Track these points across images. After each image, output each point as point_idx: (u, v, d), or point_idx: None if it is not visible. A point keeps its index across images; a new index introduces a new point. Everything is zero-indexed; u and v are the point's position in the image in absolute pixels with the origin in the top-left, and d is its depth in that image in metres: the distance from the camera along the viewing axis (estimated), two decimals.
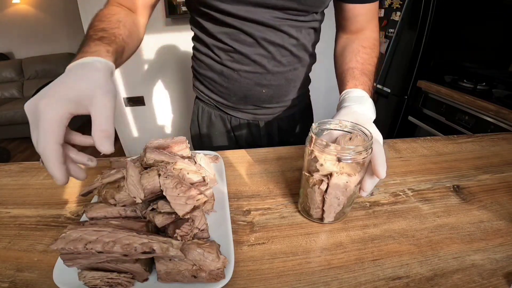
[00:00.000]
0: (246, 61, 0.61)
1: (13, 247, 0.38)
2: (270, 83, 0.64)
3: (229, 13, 0.54)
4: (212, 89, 0.70)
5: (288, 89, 0.67)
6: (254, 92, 0.65)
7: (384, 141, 0.64)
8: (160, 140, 0.47)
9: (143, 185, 0.36)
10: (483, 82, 1.29)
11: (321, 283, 0.32)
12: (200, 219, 0.35)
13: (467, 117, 1.22)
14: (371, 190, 0.38)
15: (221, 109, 0.72)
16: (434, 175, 0.52)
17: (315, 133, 0.37)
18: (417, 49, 1.39)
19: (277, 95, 0.67)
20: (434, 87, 1.35)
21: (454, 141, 0.65)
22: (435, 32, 1.33)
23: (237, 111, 0.71)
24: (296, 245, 0.38)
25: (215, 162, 0.54)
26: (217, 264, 0.31)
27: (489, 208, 0.43)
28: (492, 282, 0.32)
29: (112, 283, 0.30)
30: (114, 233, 0.30)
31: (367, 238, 0.38)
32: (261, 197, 0.47)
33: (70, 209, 0.45)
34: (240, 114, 0.72)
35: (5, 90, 3.06)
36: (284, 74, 0.63)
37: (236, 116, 0.72)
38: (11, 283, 0.33)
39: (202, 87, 0.72)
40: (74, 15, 2.07)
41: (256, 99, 0.67)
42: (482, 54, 1.44)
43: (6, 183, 0.53)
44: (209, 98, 0.72)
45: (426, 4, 1.30)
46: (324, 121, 0.39)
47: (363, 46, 0.56)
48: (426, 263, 0.34)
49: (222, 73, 0.64)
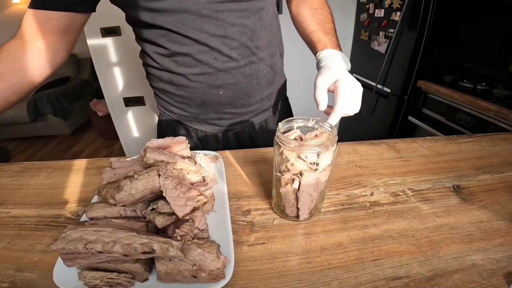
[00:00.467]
0: (191, 63, 0.55)
1: (13, 247, 0.38)
2: (225, 82, 0.57)
3: (158, 10, 0.48)
4: (170, 101, 0.64)
5: (250, 87, 0.60)
6: (210, 95, 0.59)
7: (384, 141, 0.64)
8: (160, 140, 0.47)
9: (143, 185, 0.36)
10: (483, 82, 1.29)
11: (321, 283, 0.32)
12: (200, 219, 0.35)
13: (467, 117, 1.22)
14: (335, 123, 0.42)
15: (183, 123, 0.66)
16: (434, 175, 0.52)
17: (282, 132, 0.38)
18: (417, 49, 1.39)
19: (239, 95, 0.60)
20: (434, 87, 1.35)
21: (454, 141, 0.65)
22: (435, 32, 1.33)
23: (201, 123, 0.65)
24: (296, 245, 0.38)
25: (215, 162, 0.54)
26: (217, 264, 0.31)
27: (489, 208, 0.43)
28: (492, 282, 0.32)
29: (112, 283, 0.30)
30: (114, 233, 0.30)
31: (367, 238, 0.38)
32: (261, 197, 0.47)
33: (70, 209, 0.45)
34: (205, 127, 0.65)
35: None
36: (239, 69, 0.56)
37: (202, 130, 0.66)
38: (11, 283, 0.33)
39: (161, 101, 0.66)
40: None
41: (215, 103, 0.60)
42: (482, 54, 1.44)
43: (6, 183, 0.53)
44: (170, 112, 0.66)
45: (426, 4, 1.30)
46: (290, 119, 0.40)
47: (314, 8, 0.60)
48: (426, 263, 0.34)
49: (171, 81, 0.59)
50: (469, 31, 1.37)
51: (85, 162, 0.59)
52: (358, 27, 1.87)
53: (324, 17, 0.58)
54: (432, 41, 1.35)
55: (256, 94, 0.62)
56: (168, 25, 0.50)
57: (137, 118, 2.04)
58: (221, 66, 0.55)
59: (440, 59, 1.41)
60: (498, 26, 1.37)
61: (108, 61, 1.78)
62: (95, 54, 1.74)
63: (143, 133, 2.12)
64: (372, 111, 1.78)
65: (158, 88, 0.64)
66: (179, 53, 0.54)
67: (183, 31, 0.50)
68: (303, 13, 0.60)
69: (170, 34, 0.52)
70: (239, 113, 0.63)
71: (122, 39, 1.69)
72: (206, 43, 0.52)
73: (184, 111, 0.64)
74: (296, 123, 0.40)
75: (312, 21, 0.58)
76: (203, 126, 0.66)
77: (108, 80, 1.85)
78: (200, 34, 0.51)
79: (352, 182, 0.50)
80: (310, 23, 0.58)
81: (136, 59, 1.80)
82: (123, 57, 1.77)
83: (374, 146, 0.63)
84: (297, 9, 0.61)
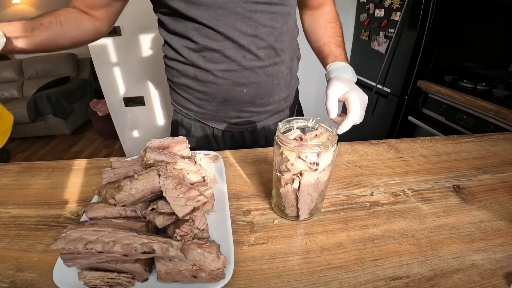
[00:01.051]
0: (219, 59, 0.56)
1: (13, 247, 0.38)
2: (250, 81, 0.59)
3: (195, 3, 0.50)
4: (189, 98, 0.65)
5: (271, 87, 0.62)
6: (233, 93, 0.60)
7: (384, 141, 0.64)
8: (160, 140, 0.47)
9: (143, 185, 0.36)
10: (483, 82, 1.29)
11: (321, 283, 0.32)
12: (200, 219, 0.35)
13: (467, 117, 1.22)
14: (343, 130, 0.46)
15: (201, 121, 0.67)
16: (434, 175, 0.52)
17: (282, 132, 0.38)
18: (417, 49, 1.39)
19: (260, 95, 0.62)
20: (434, 87, 1.35)
21: (454, 141, 0.65)
22: (435, 32, 1.33)
23: (218, 122, 0.66)
24: (296, 245, 0.38)
25: (215, 162, 0.54)
26: (217, 264, 0.31)
27: (489, 208, 0.43)
28: (492, 282, 0.32)
29: (112, 283, 0.30)
30: (114, 233, 0.30)
31: (367, 238, 0.38)
32: (261, 197, 0.47)
33: (70, 209, 0.45)
34: (223, 126, 0.67)
35: (5, 90, 3.06)
36: (263, 69, 0.59)
37: (219, 128, 0.67)
38: (11, 283, 0.33)
39: (179, 98, 0.67)
40: None
41: (237, 101, 0.62)
42: (482, 54, 1.44)
43: (6, 183, 0.53)
44: (187, 109, 0.67)
45: (426, 4, 1.29)
46: (290, 119, 0.40)
47: (328, 21, 0.63)
48: (426, 263, 0.34)
49: (196, 77, 0.60)
50: (469, 31, 1.37)
51: (85, 162, 0.59)
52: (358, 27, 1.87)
53: (336, 31, 0.62)
54: (432, 41, 1.35)
55: (275, 94, 0.64)
56: (202, 19, 0.52)
57: (137, 118, 2.04)
58: (248, 64, 0.57)
59: (440, 59, 1.41)
60: (498, 26, 1.37)
61: (108, 61, 1.78)
62: (95, 54, 1.74)
63: (143, 133, 2.12)
64: (372, 111, 1.78)
65: (179, 84, 0.64)
66: (209, 48, 0.55)
67: (216, 26, 0.52)
68: (317, 25, 0.64)
69: (202, 28, 0.53)
70: (257, 112, 0.65)
71: (122, 39, 1.69)
72: (237, 41, 0.54)
73: (203, 108, 0.65)
74: (296, 123, 0.40)
75: (325, 33, 0.62)
76: (220, 125, 0.67)
77: (108, 80, 1.85)
78: (232, 31, 0.53)
79: (352, 182, 0.50)
80: (323, 35, 0.62)
81: (136, 59, 1.81)
82: (123, 57, 1.77)
83: (374, 146, 0.63)
84: (312, 20, 0.65)
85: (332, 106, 0.48)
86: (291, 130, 0.41)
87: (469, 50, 1.43)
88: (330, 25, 0.63)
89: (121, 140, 2.14)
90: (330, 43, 0.60)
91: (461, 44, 1.40)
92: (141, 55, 1.77)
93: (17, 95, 3.08)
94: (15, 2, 3.07)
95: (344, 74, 0.54)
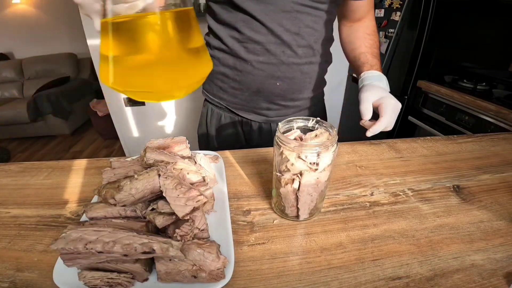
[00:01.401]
0: (260, 51, 0.60)
1: (13, 247, 0.38)
2: (285, 75, 0.63)
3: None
4: (223, 87, 0.68)
5: (303, 84, 0.66)
6: (267, 85, 0.64)
7: (384, 141, 0.64)
8: (160, 140, 0.47)
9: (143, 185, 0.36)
10: (483, 82, 1.29)
11: (321, 283, 0.32)
12: (200, 219, 0.35)
13: (467, 117, 1.22)
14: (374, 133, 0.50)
15: (232, 111, 0.71)
16: (434, 175, 0.52)
17: (282, 132, 0.38)
18: (417, 49, 1.39)
19: (291, 89, 0.66)
20: (434, 87, 1.35)
21: (454, 141, 0.65)
22: (435, 32, 1.33)
23: (248, 112, 0.70)
24: (296, 245, 0.38)
25: (215, 162, 0.54)
26: (217, 264, 0.31)
27: (489, 208, 0.43)
28: (492, 282, 0.32)
29: (112, 283, 0.30)
30: (114, 233, 0.30)
31: (367, 238, 0.38)
32: (261, 197, 0.47)
33: (70, 209, 0.45)
34: (252, 116, 0.70)
35: (5, 90, 3.06)
36: (299, 66, 0.62)
37: (248, 118, 0.71)
38: (11, 283, 0.33)
39: (213, 87, 0.70)
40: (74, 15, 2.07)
41: (269, 93, 0.65)
42: (482, 54, 1.44)
43: (6, 183, 0.53)
44: (219, 99, 0.71)
45: (426, 4, 1.30)
46: (290, 119, 0.40)
47: (367, 33, 0.67)
48: (426, 263, 0.34)
49: (235, 67, 0.63)
50: (469, 31, 1.37)
51: (85, 162, 0.59)
52: None
53: (374, 43, 0.67)
54: (432, 41, 1.35)
55: (305, 91, 0.68)
56: (253, 11, 0.55)
57: (137, 118, 2.04)
58: (286, 59, 0.61)
59: (440, 59, 1.41)
60: (498, 26, 1.37)
61: None
62: (95, 54, 1.74)
63: (143, 133, 2.12)
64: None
65: (216, 73, 0.67)
66: (252, 40, 0.59)
67: (264, 20, 0.56)
68: (356, 36, 0.68)
69: (251, 20, 0.57)
70: (286, 106, 0.69)
71: None
72: (280, 36, 0.58)
73: (235, 97, 0.68)
74: (296, 123, 0.41)
75: (363, 43, 0.66)
76: (249, 115, 0.70)
77: None
78: (277, 27, 0.57)
79: (352, 182, 0.50)
80: (361, 45, 0.66)
81: None
82: None
83: (374, 146, 0.63)
84: (350, 31, 0.69)
85: (366, 109, 0.52)
86: (291, 130, 0.41)
87: (469, 50, 1.43)
88: (369, 37, 0.67)
89: (121, 140, 2.14)
90: (367, 53, 0.64)
91: (461, 44, 1.40)
92: None
93: (17, 95, 3.08)
94: (15, 2, 3.07)
95: (379, 82, 0.58)
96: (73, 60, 3.12)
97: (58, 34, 3.26)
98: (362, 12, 0.67)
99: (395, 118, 0.52)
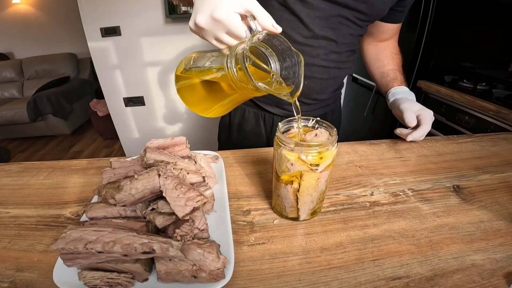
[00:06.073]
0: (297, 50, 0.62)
1: (13, 247, 0.38)
2: (313, 75, 0.65)
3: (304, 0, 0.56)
4: None
5: (326, 85, 0.70)
6: None
7: (384, 141, 0.64)
8: (160, 140, 0.47)
9: (143, 185, 0.36)
10: (483, 82, 1.29)
11: (321, 283, 0.32)
12: (200, 219, 0.35)
13: (467, 117, 1.22)
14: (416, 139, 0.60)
15: (257, 104, 0.74)
16: (434, 175, 0.52)
17: (282, 132, 0.38)
18: (417, 49, 1.39)
19: (316, 90, 0.69)
20: (434, 87, 1.35)
21: (454, 141, 0.65)
22: (435, 32, 1.33)
23: (272, 106, 0.73)
24: (296, 245, 0.38)
25: (215, 162, 0.54)
26: (217, 264, 0.31)
27: (489, 208, 0.43)
28: (492, 282, 0.32)
29: (112, 283, 0.30)
30: (114, 233, 0.30)
31: (367, 238, 0.38)
32: (261, 197, 0.47)
33: (70, 209, 0.45)
34: (275, 110, 0.73)
35: (5, 90, 3.07)
36: (327, 69, 0.66)
37: (271, 112, 0.74)
38: (11, 283, 0.33)
39: None
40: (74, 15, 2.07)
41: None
42: (482, 54, 1.44)
43: (6, 183, 0.53)
44: None
45: (426, 4, 1.29)
46: (290, 119, 0.41)
47: (394, 52, 0.76)
48: (426, 263, 0.34)
49: None
50: (469, 31, 1.37)
51: (85, 162, 0.59)
52: None
53: (400, 62, 0.76)
54: (432, 41, 1.35)
55: (326, 92, 0.72)
56: (300, 13, 0.58)
57: (137, 118, 2.04)
58: (318, 62, 0.64)
59: (440, 59, 1.41)
60: (498, 26, 1.37)
61: (108, 61, 1.78)
62: (95, 54, 1.74)
63: (143, 133, 2.12)
64: (372, 111, 1.78)
65: None
66: (292, 40, 0.60)
67: (309, 23, 0.59)
68: (383, 54, 0.76)
69: (295, 21, 0.59)
70: (307, 103, 0.72)
71: (122, 39, 1.69)
72: (318, 40, 0.61)
73: None
74: (295, 123, 0.41)
75: (391, 61, 0.75)
76: (273, 109, 0.74)
77: (108, 80, 1.85)
78: (319, 32, 0.60)
79: (352, 182, 0.50)
80: (389, 63, 0.75)
81: (136, 59, 1.81)
82: (123, 57, 1.77)
83: (374, 146, 0.63)
84: (377, 49, 0.77)
85: (411, 117, 0.60)
86: (291, 130, 0.41)
87: (469, 50, 1.43)
88: (396, 56, 0.76)
89: (121, 140, 2.15)
90: (395, 70, 0.74)
91: (461, 44, 1.40)
92: (141, 55, 1.77)
93: (17, 95, 3.08)
94: (15, 2, 3.07)
95: (410, 96, 0.67)
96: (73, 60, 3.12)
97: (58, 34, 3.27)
98: (390, 33, 0.74)
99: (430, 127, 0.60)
